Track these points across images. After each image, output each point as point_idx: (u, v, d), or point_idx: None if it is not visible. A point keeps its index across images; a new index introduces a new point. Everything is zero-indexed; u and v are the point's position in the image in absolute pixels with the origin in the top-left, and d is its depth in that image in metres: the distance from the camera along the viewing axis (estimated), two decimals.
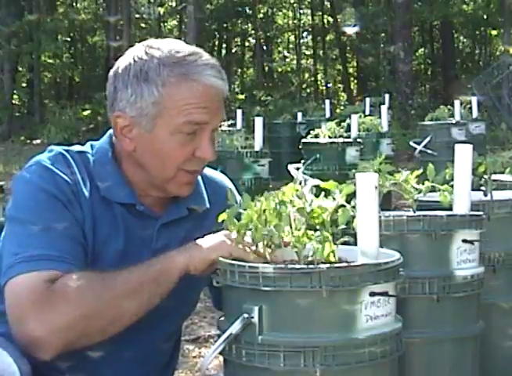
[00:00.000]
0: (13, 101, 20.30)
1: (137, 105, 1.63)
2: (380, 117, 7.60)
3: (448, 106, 7.97)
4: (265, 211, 1.49)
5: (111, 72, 1.69)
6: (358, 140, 6.33)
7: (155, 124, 1.63)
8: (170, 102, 1.62)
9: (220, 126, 1.71)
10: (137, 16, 23.68)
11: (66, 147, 1.72)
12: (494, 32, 23.05)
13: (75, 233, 1.61)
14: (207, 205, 1.78)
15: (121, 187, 1.69)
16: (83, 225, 1.63)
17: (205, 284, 1.79)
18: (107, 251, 1.66)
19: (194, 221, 1.76)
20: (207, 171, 1.84)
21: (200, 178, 1.79)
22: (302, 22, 27.27)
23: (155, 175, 1.67)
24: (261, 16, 25.23)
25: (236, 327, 1.43)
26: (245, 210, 1.51)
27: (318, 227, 1.50)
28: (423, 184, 1.98)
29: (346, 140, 6.27)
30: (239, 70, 25.36)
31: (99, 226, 1.65)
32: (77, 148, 1.74)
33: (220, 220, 1.56)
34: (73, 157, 1.69)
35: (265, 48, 26.94)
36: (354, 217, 1.49)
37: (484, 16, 21.92)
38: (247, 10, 24.39)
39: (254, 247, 1.53)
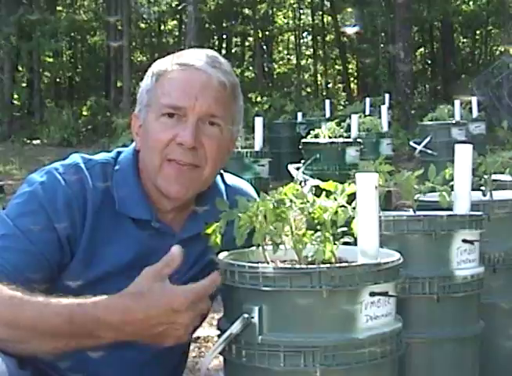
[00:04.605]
0: (13, 101, 20.29)
1: (139, 99, 1.68)
2: (380, 117, 7.59)
3: (448, 106, 7.97)
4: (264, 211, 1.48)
5: None
6: (358, 140, 6.33)
7: (147, 113, 1.65)
8: (158, 87, 1.64)
9: (214, 117, 1.64)
10: (137, 16, 23.67)
11: (88, 157, 1.71)
12: (494, 32, 23.04)
13: (38, 250, 1.57)
14: None
15: (139, 201, 1.67)
16: (74, 237, 1.61)
17: (217, 294, 1.74)
18: (106, 261, 1.65)
19: None
20: (231, 180, 1.81)
21: (223, 188, 1.77)
22: (302, 22, 27.25)
23: (148, 167, 1.65)
24: (261, 16, 25.21)
25: (236, 327, 1.43)
26: (243, 212, 1.50)
27: (318, 227, 1.50)
28: (423, 184, 1.98)
29: (346, 140, 6.26)
30: (239, 70, 25.36)
31: (101, 240, 1.63)
32: (100, 157, 1.72)
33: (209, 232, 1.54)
34: (92, 168, 1.67)
35: (265, 48, 26.93)
36: (354, 217, 1.49)
37: (485, 16, 21.92)
38: (247, 10, 24.38)
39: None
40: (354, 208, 1.49)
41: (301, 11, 27.19)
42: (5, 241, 1.56)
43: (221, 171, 1.82)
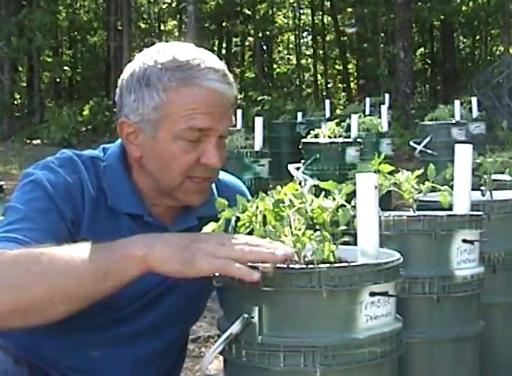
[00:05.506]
0: (13, 101, 20.30)
1: (139, 111, 1.60)
2: (380, 117, 7.59)
3: (448, 106, 7.97)
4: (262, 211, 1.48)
5: (120, 77, 1.67)
6: (358, 140, 6.32)
7: (157, 130, 1.60)
8: (171, 107, 1.58)
9: (228, 131, 1.67)
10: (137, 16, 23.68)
11: (77, 152, 1.71)
12: (494, 32, 23.05)
13: (55, 229, 1.56)
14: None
15: (130, 197, 1.67)
16: (77, 225, 1.61)
17: (213, 289, 1.74)
18: None
19: None
20: (222, 175, 1.81)
21: (214, 184, 1.76)
22: (302, 22, 27.27)
23: (162, 182, 1.64)
24: (261, 16, 25.23)
25: (236, 327, 1.42)
26: (243, 212, 1.50)
27: (318, 227, 1.50)
28: (423, 184, 1.98)
29: (346, 140, 6.26)
30: (239, 70, 25.36)
31: (99, 232, 1.61)
32: (89, 153, 1.72)
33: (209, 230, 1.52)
34: (84, 163, 1.67)
35: (264, 48, 26.95)
36: (354, 217, 1.49)
37: (485, 16, 21.94)
38: (247, 10, 24.40)
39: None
40: (353, 207, 1.49)
41: (301, 11, 27.23)
42: (23, 224, 1.54)
43: None
